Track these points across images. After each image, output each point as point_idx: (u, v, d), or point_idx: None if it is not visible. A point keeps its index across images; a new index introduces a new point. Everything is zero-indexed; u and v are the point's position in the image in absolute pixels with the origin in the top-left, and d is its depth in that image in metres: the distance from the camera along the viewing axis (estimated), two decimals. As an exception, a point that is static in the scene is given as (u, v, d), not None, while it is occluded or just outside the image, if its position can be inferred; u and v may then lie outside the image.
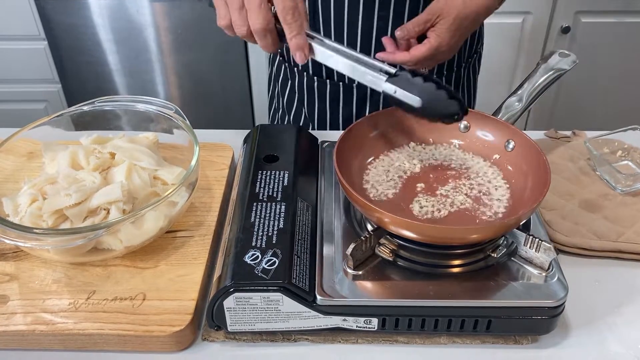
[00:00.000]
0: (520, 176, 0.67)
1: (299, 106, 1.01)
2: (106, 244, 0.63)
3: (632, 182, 0.75)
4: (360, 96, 0.94)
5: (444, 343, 0.60)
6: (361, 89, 0.94)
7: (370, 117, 0.72)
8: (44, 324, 0.58)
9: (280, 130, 0.82)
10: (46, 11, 1.81)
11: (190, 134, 0.71)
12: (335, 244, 0.62)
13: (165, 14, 1.80)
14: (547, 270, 0.58)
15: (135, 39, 1.85)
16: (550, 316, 0.57)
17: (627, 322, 0.62)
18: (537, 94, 0.72)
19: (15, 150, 0.73)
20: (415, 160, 0.71)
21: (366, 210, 0.60)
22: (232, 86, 1.96)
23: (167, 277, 0.63)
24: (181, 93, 1.99)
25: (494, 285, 0.58)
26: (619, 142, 0.82)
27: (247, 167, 0.71)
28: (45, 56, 1.92)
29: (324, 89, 0.95)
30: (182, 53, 1.89)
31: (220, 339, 0.60)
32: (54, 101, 2.03)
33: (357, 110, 0.97)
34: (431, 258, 0.60)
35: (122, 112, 0.78)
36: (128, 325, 0.58)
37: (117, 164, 0.71)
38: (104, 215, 0.64)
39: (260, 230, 0.61)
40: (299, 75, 0.97)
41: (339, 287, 0.57)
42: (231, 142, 0.84)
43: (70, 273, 0.64)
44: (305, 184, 0.70)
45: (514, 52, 1.85)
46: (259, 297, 0.56)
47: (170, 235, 0.68)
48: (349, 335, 0.60)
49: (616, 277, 0.67)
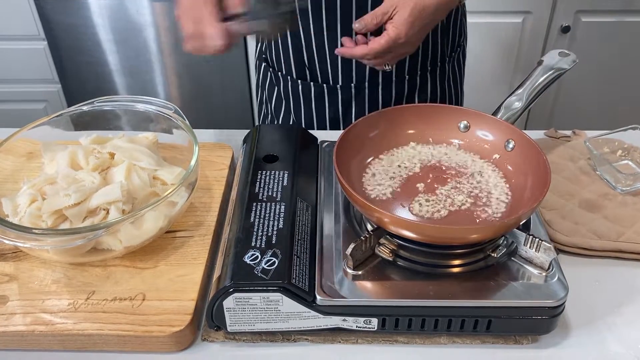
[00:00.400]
0: (520, 176, 0.67)
1: (287, 111, 1.01)
2: (106, 244, 0.63)
3: (632, 182, 0.75)
4: (345, 97, 0.95)
5: (444, 343, 0.60)
6: (345, 90, 0.94)
7: (369, 117, 0.72)
8: (44, 325, 0.58)
9: (280, 130, 0.82)
10: (46, 11, 1.81)
11: (189, 134, 0.71)
12: (335, 244, 0.62)
13: (165, 13, 1.80)
14: (547, 270, 0.58)
15: (135, 39, 1.85)
16: (550, 316, 0.57)
17: (627, 322, 0.62)
18: (537, 94, 0.72)
19: (15, 151, 0.73)
20: (415, 160, 0.71)
21: (366, 210, 0.59)
22: (232, 86, 1.96)
23: (167, 277, 0.63)
24: (181, 93, 1.99)
25: (494, 285, 0.58)
26: (619, 141, 0.82)
27: (246, 167, 0.71)
28: (45, 56, 1.92)
29: (309, 92, 0.96)
30: (182, 53, 1.88)
31: (220, 339, 0.60)
32: (53, 101, 2.03)
33: (343, 111, 0.97)
34: (431, 258, 0.60)
35: (121, 112, 0.78)
36: (127, 326, 0.58)
37: (117, 164, 0.71)
38: (104, 216, 0.64)
39: (260, 230, 0.61)
40: (284, 79, 0.98)
41: (338, 287, 0.57)
42: (231, 142, 0.84)
43: (69, 273, 0.64)
44: (305, 184, 0.70)
45: (514, 52, 1.85)
46: (259, 297, 0.56)
47: (169, 235, 0.68)
48: (349, 336, 0.60)
49: (616, 277, 0.67)
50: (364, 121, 0.71)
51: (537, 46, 1.84)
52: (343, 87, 0.94)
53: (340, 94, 0.95)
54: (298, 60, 0.94)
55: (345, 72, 0.92)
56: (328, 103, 0.96)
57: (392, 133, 0.73)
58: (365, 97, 0.95)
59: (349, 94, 0.94)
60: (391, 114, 0.73)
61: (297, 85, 0.96)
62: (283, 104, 1.01)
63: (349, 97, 0.95)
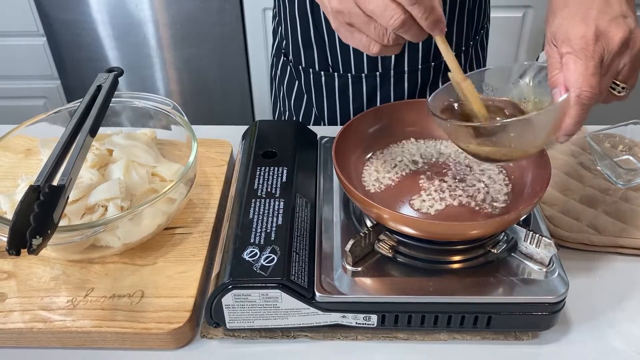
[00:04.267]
0: (521, 171, 0.67)
1: (308, 105, 1.00)
2: (104, 241, 0.62)
3: (633, 177, 0.75)
4: (370, 87, 0.93)
5: (444, 339, 0.60)
6: (370, 80, 0.92)
7: (369, 112, 0.71)
8: (42, 322, 0.58)
9: (279, 126, 0.81)
10: (45, 7, 1.81)
11: (188, 130, 0.71)
12: (334, 241, 0.62)
13: (164, 9, 1.79)
14: (548, 265, 0.58)
15: (135, 35, 1.84)
16: (550, 312, 0.57)
17: (628, 318, 0.61)
18: (538, 89, 0.72)
19: (13, 147, 0.72)
20: (414, 156, 0.71)
21: (365, 206, 0.59)
22: (231, 81, 1.96)
23: (166, 274, 0.63)
24: (181, 88, 1.99)
25: (494, 281, 0.57)
26: (620, 136, 0.81)
27: (245, 164, 0.71)
28: (44, 52, 1.91)
29: (332, 83, 0.94)
30: (182, 48, 1.88)
31: (219, 336, 0.60)
32: (53, 97, 2.02)
33: (367, 102, 0.95)
34: (431, 254, 0.60)
35: (120, 109, 0.77)
36: (126, 323, 0.58)
37: (115, 160, 0.71)
38: (102, 212, 0.64)
39: (259, 226, 0.61)
40: (305, 73, 0.96)
41: (338, 283, 0.57)
42: (230, 138, 0.84)
43: (68, 270, 0.63)
44: (304, 180, 0.69)
45: (515, 46, 1.84)
46: (258, 294, 0.56)
47: (168, 232, 0.68)
48: (349, 332, 0.60)
49: (617, 272, 0.67)
50: (363, 117, 0.71)
51: (537, 40, 1.83)
52: (368, 76, 0.92)
53: (365, 84, 0.93)
54: (320, 50, 0.92)
55: (370, 60, 0.90)
56: (352, 95, 0.94)
57: (392, 128, 0.73)
58: (390, 86, 0.93)
59: (374, 83, 0.93)
60: (390, 109, 0.73)
61: (320, 77, 0.94)
62: (304, 99, 1.00)
63: (374, 86, 0.93)
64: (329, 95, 0.96)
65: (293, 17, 0.92)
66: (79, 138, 0.62)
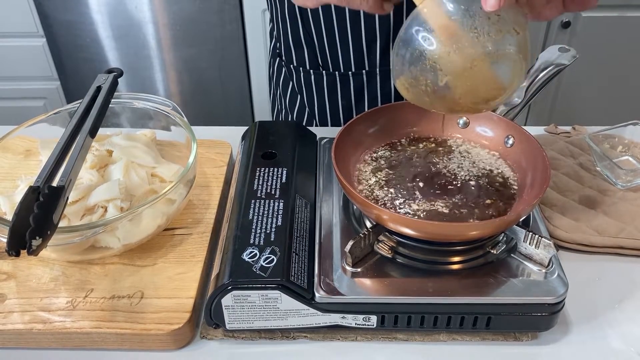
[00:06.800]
0: (520, 172, 0.67)
1: (301, 104, 1.02)
2: (104, 242, 0.62)
3: (632, 178, 0.75)
4: (357, 85, 0.95)
5: (444, 340, 0.60)
6: (357, 78, 0.94)
7: (368, 113, 0.71)
8: (42, 323, 0.58)
9: (278, 126, 0.81)
10: (44, 8, 1.81)
11: (187, 131, 0.71)
12: (334, 241, 0.62)
13: (164, 9, 1.79)
14: (547, 266, 0.58)
15: (134, 36, 1.85)
16: (550, 313, 0.57)
17: (628, 319, 0.61)
18: (537, 89, 0.72)
19: (13, 148, 0.72)
20: (414, 156, 0.71)
21: (364, 207, 0.59)
22: (231, 82, 1.96)
23: (165, 275, 0.63)
24: (180, 89, 1.99)
25: (494, 282, 0.57)
26: (619, 137, 0.81)
27: (245, 164, 0.71)
28: (43, 53, 1.91)
29: (322, 81, 0.96)
30: (181, 49, 1.88)
31: (219, 337, 0.60)
32: (53, 98, 2.02)
33: (355, 99, 0.96)
34: (430, 255, 0.60)
35: (119, 109, 0.77)
36: (126, 324, 0.58)
37: (115, 161, 0.71)
38: (102, 213, 0.64)
39: (259, 227, 0.61)
40: (296, 72, 0.98)
41: (337, 284, 0.57)
42: (229, 138, 0.84)
43: (67, 271, 0.63)
44: (303, 181, 0.69)
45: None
46: (257, 294, 0.56)
47: (168, 233, 0.68)
48: (348, 333, 0.60)
49: (617, 273, 0.67)
50: (362, 117, 0.71)
51: (537, 41, 1.83)
52: (355, 74, 0.93)
53: (352, 82, 0.94)
54: (310, 50, 0.94)
55: (357, 57, 0.92)
56: (340, 92, 0.96)
57: (392, 129, 0.73)
58: (377, 83, 0.94)
59: (361, 80, 0.94)
60: (390, 110, 0.73)
61: (310, 75, 0.96)
62: (298, 98, 1.02)
63: (361, 84, 0.94)
64: (319, 93, 0.97)
65: (284, 18, 0.94)
66: (79, 139, 0.62)
